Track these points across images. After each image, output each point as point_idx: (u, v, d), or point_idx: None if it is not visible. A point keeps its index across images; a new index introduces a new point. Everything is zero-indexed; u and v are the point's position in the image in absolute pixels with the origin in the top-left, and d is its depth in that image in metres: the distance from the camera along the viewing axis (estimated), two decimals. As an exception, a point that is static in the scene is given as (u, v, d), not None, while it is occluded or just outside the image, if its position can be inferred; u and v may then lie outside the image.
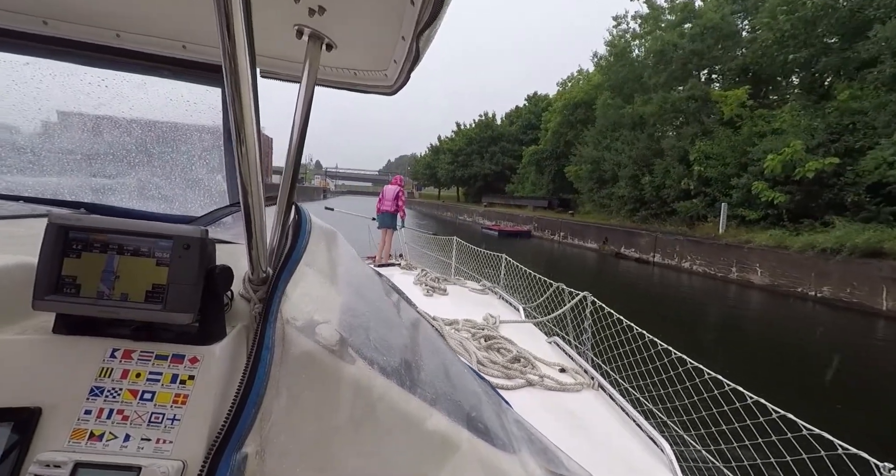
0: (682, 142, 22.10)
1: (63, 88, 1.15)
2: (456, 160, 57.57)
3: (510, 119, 55.93)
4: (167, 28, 0.99)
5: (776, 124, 17.82)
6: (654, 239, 19.90)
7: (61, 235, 0.56)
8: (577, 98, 35.25)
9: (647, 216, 23.93)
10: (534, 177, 43.71)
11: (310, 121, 0.79)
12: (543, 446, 1.02)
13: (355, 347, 0.70)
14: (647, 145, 24.72)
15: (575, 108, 35.24)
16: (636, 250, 21.07)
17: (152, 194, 1.32)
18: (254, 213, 0.60)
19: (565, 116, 36.31)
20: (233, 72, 0.52)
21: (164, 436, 0.53)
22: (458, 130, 60.85)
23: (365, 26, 0.81)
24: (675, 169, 21.79)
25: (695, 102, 22.46)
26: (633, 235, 21.60)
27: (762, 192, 16.41)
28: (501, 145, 53.13)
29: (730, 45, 22.47)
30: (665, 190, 22.51)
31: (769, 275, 14.64)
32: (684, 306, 12.85)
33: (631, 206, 25.40)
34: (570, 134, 35.63)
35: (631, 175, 24.95)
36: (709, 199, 20.14)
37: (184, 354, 0.58)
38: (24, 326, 0.58)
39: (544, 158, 40.49)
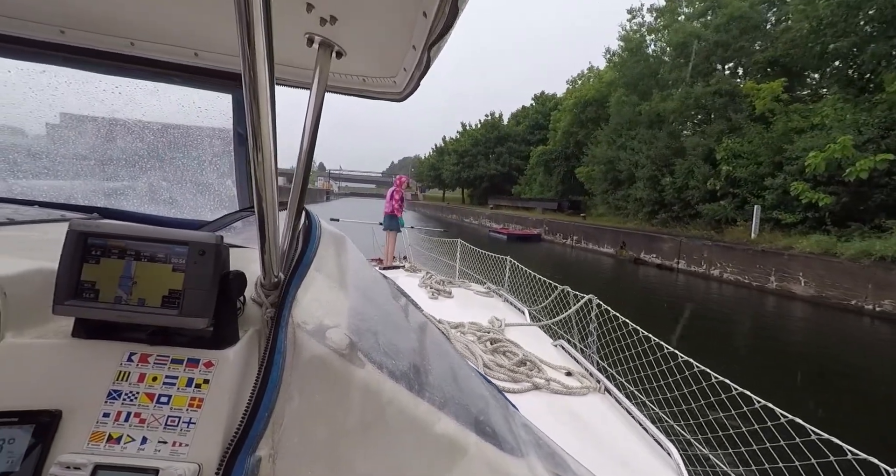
0: (708, 140, 20.55)
1: (78, 95, 1.17)
2: (461, 161, 56.32)
3: (517, 119, 54.35)
4: (180, 36, 1.01)
5: (815, 119, 16.00)
6: (679, 244, 18.51)
7: (81, 242, 0.57)
8: (588, 96, 33.78)
9: (667, 219, 22.51)
10: (542, 178, 42.48)
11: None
12: (551, 450, 1.02)
13: (364, 351, 0.70)
14: (666, 144, 23.24)
15: (586, 107, 33.89)
16: (657, 256, 19.60)
17: (164, 199, 1.34)
18: (268, 218, 0.61)
19: (576, 115, 34.90)
20: (252, 80, 0.53)
21: (180, 439, 0.54)
22: (463, 131, 59.57)
23: (376, 35, 0.83)
24: (699, 169, 20.21)
25: (721, 97, 20.82)
26: (653, 240, 20.18)
27: (803, 193, 14.73)
28: (508, 146, 51.75)
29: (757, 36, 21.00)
30: (688, 191, 20.99)
31: (815, 285, 12.96)
32: (717, 318, 11.40)
33: (649, 209, 23.90)
34: (581, 133, 34.32)
35: (649, 176, 23.47)
36: (738, 201, 18.44)
37: (199, 358, 0.59)
38: (43, 331, 0.59)
39: (553, 159, 39.25)
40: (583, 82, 38.22)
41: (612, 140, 28.15)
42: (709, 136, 20.66)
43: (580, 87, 36.61)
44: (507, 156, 51.22)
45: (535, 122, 49.60)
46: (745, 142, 18.53)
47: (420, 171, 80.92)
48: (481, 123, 56.23)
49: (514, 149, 51.12)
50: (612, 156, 27.24)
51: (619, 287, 15.74)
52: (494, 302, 4.57)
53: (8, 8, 0.93)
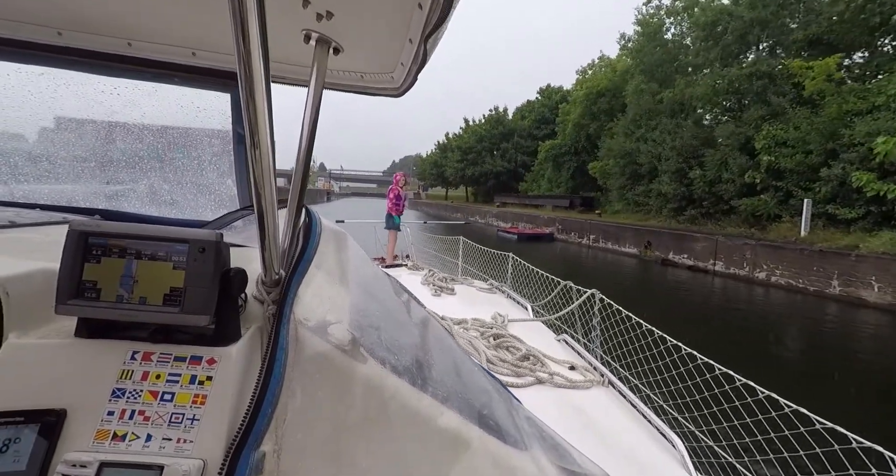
0: (744, 128, 18.24)
1: (77, 97, 1.17)
2: (465, 158, 54.18)
3: (522, 113, 52.23)
4: (177, 36, 1.01)
5: (878, 99, 13.80)
6: (715, 243, 16.50)
7: (82, 241, 0.58)
8: (600, 86, 31.83)
9: (696, 216, 20.50)
10: (550, 174, 40.47)
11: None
12: (555, 443, 1.02)
13: (367, 347, 0.71)
14: (694, 134, 21.19)
15: (598, 98, 31.97)
16: (689, 256, 17.67)
17: (164, 199, 1.34)
18: (267, 216, 0.62)
19: (587, 107, 32.83)
20: (247, 78, 0.53)
21: (184, 435, 0.55)
22: (466, 127, 57.51)
23: (372, 30, 0.82)
24: (734, 160, 18.02)
25: (759, 80, 18.51)
26: (684, 239, 18.16)
27: (867, 184, 12.64)
28: (514, 141, 49.74)
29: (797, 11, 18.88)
30: (720, 185, 18.93)
31: (893, 291, 11.19)
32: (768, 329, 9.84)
33: (675, 205, 21.74)
34: (592, 126, 32.51)
35: (675, 169, 21.37)
36: (781, 195, 16.36)
37: (201, 356, 0.59)
38: (46, 331, 0.60)
39: (562, 154, 37.37)
40: (594, 72, 35.98)
41: (631, 131, 26.30)
42: (745, 124, 18.46)
43: (591, 77, 34.50)
44: (512, 152, 49.41)
45: (541, 117, 47.94)
46: (790, 128, 16.27)
47: (422, 170, 78.88)
48: (485, 118, 54.32)
49: (519, 144, 49.21)
50: (630, 148, 25.39)
51: (647, 292, 13.98)
52: (497, 298, 4.58)
53: (4, 10, 0.93)
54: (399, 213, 8.06)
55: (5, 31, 0.99)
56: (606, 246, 23.30)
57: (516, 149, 49.35)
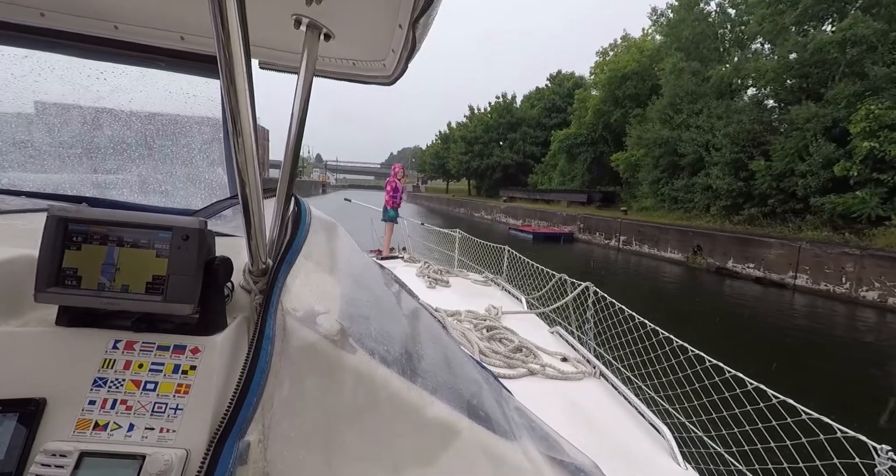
0: (829, 108, 14.80)
1: (62, 81, 1.15)
2: (470, 149, 49.40)
3: (531, 102, 48.25)
4: (165, 19, 0.98)
5: None
6: (797, 251, 13.25)
7: (61, 228, 0.56)
8: (626, 68, 27.83)
9: (756, 216, 17.15)
10: (563, 166, 36.86)
11: (310, 114, 0.79)
12: (544, 433, 1.03)
13: (356, 337, 0.70)
14: (755, 117, 17.71)
15: (623, 81, 28.09)
16: (757, 266, 14.47)
17: (153, 188, 1.32)
18: (252, 204, 0.61)
19: (610, 92, 29.01)
20: (227, 62, 0.52)
21: (167, 425, 0.54)
22: (471, 115, 52.51)
23: (362, 15, 0.81)
24: (817, 148, 14.67)
25: (855, 47, 14.51)
26: (748, 244, 14.92)
27: None
28: (522, 131, 45.66)
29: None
30: (791, 179, 15.66)
31: None
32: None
33: (729, 202, 18.32)
34: (616, 113, 28.77)
35: (731, 159, 18.04)
36: (885, 192, 13.20)
37: (185, 345, 0.59)
38: (27, 319, 0.59)
39: (578, 144, 33.68)
40: (615, 53, 31.71)
41: (669, 117, 22.71)
42: (831, 103, 14.87)
43: (615, 59, 30.32)
44: (521, 142, 45.53)
45: (551, 105, 44.45)
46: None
47: (422, 161, 75.13)
48: (491, 106, 49.87)
49: (528, 134, 45.45)
50: (669, 136, 21.81)
51: (708, 312, 10.78)
52: (492, 290, 4.60)
53: None
54: (396, 206, 8.02)
55: None
56: (641, 249, 19.79)
57: (525, 139, 45.66)
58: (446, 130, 62.37)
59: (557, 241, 24.24)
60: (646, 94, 26.88)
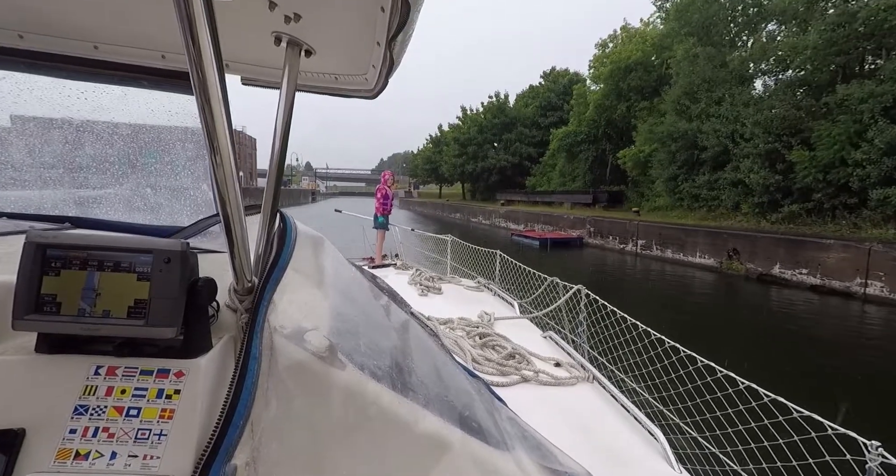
0: (889, 84, 12.68)
1: (42, 102, 1.14)
2: (464, 151, 47.53)
3: (525, 101, 46.31)
4: (145, 38, 0.98)
5: None
6: (866, 253, 11.17)
7: (39, 254, 0.56)
8: (630, 58, 26.07)
9: (798, 213, 14.96)
10: (563, 166, 34.93)
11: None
12: (537, 442, 1.03)
13: (345, 353, 0.70)
14: (793, 102, 15.56)
15: (627, 73, 26.19)
16: (812, 271, 12.36)
17: (138, 205, 1.31)
18: (234, 222, 0.61)
19: (613, 84, 26.99)
20: (200, 79, 0.52)
21: (150, 452, 0.54)
22: (464, 116, 50.45)
23: (341, 32, 0.82)
24: (879, 131, 12.29)
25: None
26: (799, 246, 12.73)
27: None
28: (517, 131, 43.93)
29: None
30: (841, 169, 13.50)
31: None
32: None
33: (764, 198, 16.09)
34: (620, 107, 26.93)
35: (765, 151, 15.88)
36: None
37: (169, 369, 0.58)
38: (4, 347, 0.58)
39: (579, 142, 31.71)
40: (616, 45, 29.79)
41: (684, 108, 20.58)
42: (890, 79, 12.81)
43: (618, 50, 28.23)
44: (517, 143, 43.69)
45: (546, 103, 42.61)
46: None
47: (414, 166, 72.14)
48: (484, 107, 48.09)
49: (524, 134, 43.66)
50: (686, 129, 19.81)
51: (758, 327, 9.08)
52: (484, 296, 4.60)
53: None
54: (387, 213, 8.02)
55: None
56: (663, 254, 17.56)
57: (520, 140, 43.84)
58: (437, 133, 60.63)
59: (566, 246, 22.19)
60: (651, 85, 25.47)
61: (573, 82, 39.21)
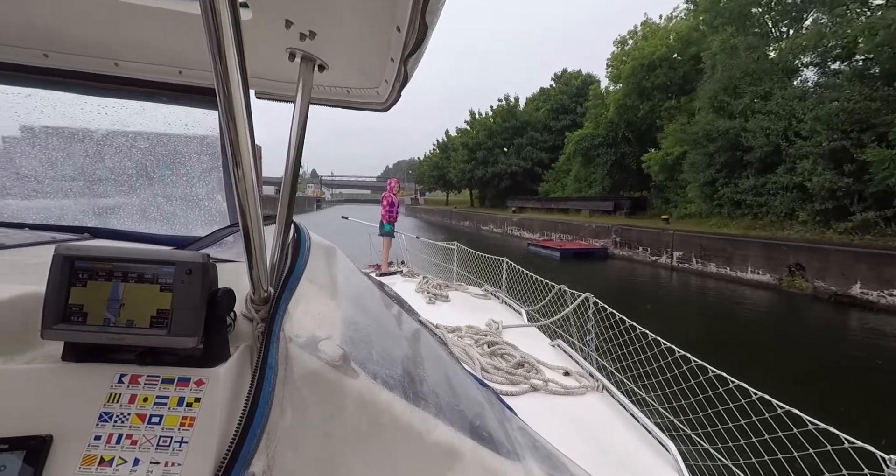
0: None
1: (64, 118, 1.18)
2: (473, 157, 45.38)
3: (535, 104, 44.60)
4: (163, 55, 1.02)
5: None
6: None
7: (67, 265, 0.58)
8: (655, 54, 24.32)
9: (874, 221, 12.71)
10: (578, 171, 33.08)
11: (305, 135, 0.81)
12: (548, 453, 1.03)
13: (358, 362, 0.71)
14: (865, 93, 13.38)
15: (651, 70, 24.49)
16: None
17: (154, 216, 1.34)
18: (253, 233, 0.62)
19: (635, 83, 25.33)
20: (226, 96, 0.54)
21: (172, 458, 0.55)
22: (472, 120, 48.41)
23: (355, 49, 0.84)
24: None
25: None
26: (886, 262, 10.49)
27: None
28: (529, 135, 42.16)
29: None
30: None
31: None
32: None
33: (829, 205, 13.96)
34: (643, 107, 25.30)
35: (829, 149, 13.83)
36: None
37: (189, 377, 0.59)
38: (33, 355, 0.60)
39: (596, 146, 29.95)
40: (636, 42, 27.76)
41: (724, 104, 18.42)
42: None
43: (640, 46, 26.40)
44: (528, 148, 41.97)
45: (559, 106, 41.00)
46: None
47: (421, 172, 69.05)
48: (493, 111, 46.18)
49: (535, 139, 41.95)
50: (728, 127, 17.58)
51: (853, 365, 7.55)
52: (492, 304, 4.59)
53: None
54: (393, 221, 8.06)
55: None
56: (705, 268, 15.35)
57: (532, 144, 42.02)
58: (444, 139, 58.63)
59: (589, 258, 20.13)
60: (678, 83, 23.87)
61: (587, 84, 38.21)
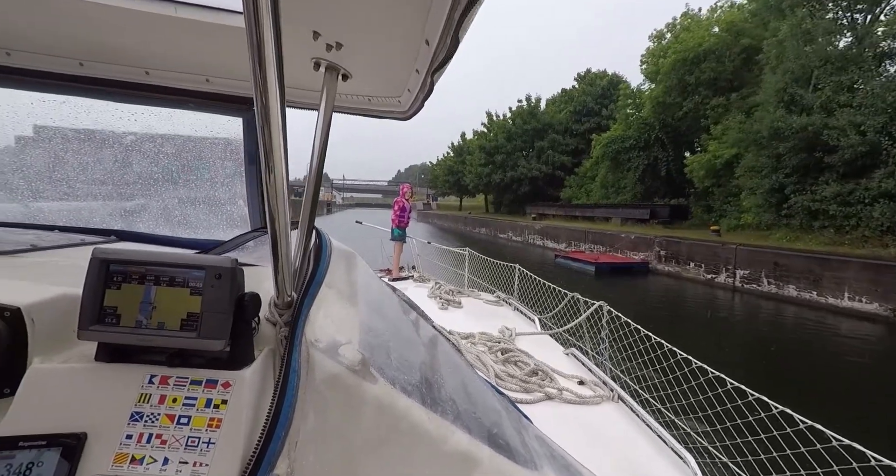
0: None
1: (96, 123, 1.22)
2: (491, 160, 43.00)
3: (557, 105, 42.53)
4: (192, 64, 1.05)
5: None
6: None
7: (103, 269, 0.60)
8: (703, 45, 22.05)
9: None
10: (605, 176, 30.74)
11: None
12: (566, 462, 1.02)
13: (377, 367, 0.71)
14: None
15: (695, 64, 22.39)
16: None
17: (177, 220, 1.38)
18: (280, 239, 0.63)
19: (677, 79, 23.14)
20: (263, 104, 0.55)
21: (200, 459, 0.56)
22: (489, 122, 46.40)
23: (380, 59, 0.85)
24: None
25: None
26: None
27: None
28: (550, 138, 40.06)
29: None
30: None
31: None
32: None
33: None
34: (686, 105, 23.16)
35: None
36: None
37: (217, 379, 0.61)
38: (68, 355, 0.62)
39: (627, 149, 27.68)
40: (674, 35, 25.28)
41: (796, 98, 15.84)
42: None
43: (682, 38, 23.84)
44: (550, 152, 39.85)
45: (582, 107, 38.98)
46: None
47: (435, 176, 66.57)
48: (513, 112, 44.04)
49: (557, 142, 39.90)
50: (803, 124, 14.78)
51: None
52: (504, 311, 4.56)
53: (30, 44, 0.98)
54: (404, 226, 8.08)
55: (31, 63, 1.03)
56: (781, 291, 12.59)
57: (553, 147, 39.95)
58: (460, 141, 56.12)
59: (628, 273, 17.67)
60: (726, 78, 21.58)
61: (613, 84, 36.87)
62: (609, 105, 34.99)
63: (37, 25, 0.93)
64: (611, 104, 33.91)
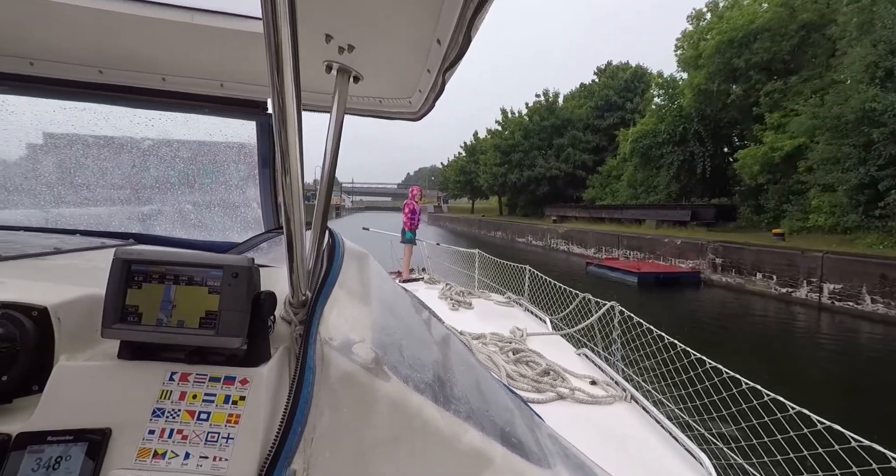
0: None
1: (115, 130, 1.26)
2: (507, 160, 39.89)
3: (576, 100, 39.68)
4: (207, 69, 1.07)
5: None
6: None
7: (125, 269, 0.62)
8: (755, 22, 18.99)
9: None
10: (634, 175, 27.88)
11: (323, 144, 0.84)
12: (580, 462, 1.01)
13: (390, 365, 0.72)
14: None
15: (744, 45, 19.49)
16: None
17: (193, 223, 1.41)
18: (295, 239, 0.65)
19: (721, 63, 20.29)
20: (281, 108, 0.57)
21: (220, 453, 0.57)
22: (504, 119, 43.26)
23: (391, 60, 0.87)
24: None
25: None
26: None
27: None
28: (570, 135, 36.98)
29: None
30: None
31: None
32: None
33: None
34: (735, 91, 20.75)
35: None
36: None
37: (234, 376, 0.62)
38: (92, 353, 0.64)
39: (659, 144, 24.80)
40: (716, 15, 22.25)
41: (891, 73, 13.03)
42: None
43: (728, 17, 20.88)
44: (570, 149, 36.76)
45: (604, 102, 36.13)
46: None
47: (445, 177, 62.98)
48: (529, 108, 40.74)
49: (577, 139, 36.89)
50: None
51: None
52: (515, 312, 4.55)
53: (53, 54, 1.01)
54: (414, 228, 8.11)
55: (53, 72, 1.07)
56: (889, 312, 10.28)
57: (573, 145, 36.83)
58: (472, 141, 52.63)
59: (676, 284, 15.37)
60: (782, 59, 18.72)
61: (638, 76, 34.70)
62: (634, 98, 32.72)
63: (59, 36, 0.96)
64: (636, 97, 31.72)
